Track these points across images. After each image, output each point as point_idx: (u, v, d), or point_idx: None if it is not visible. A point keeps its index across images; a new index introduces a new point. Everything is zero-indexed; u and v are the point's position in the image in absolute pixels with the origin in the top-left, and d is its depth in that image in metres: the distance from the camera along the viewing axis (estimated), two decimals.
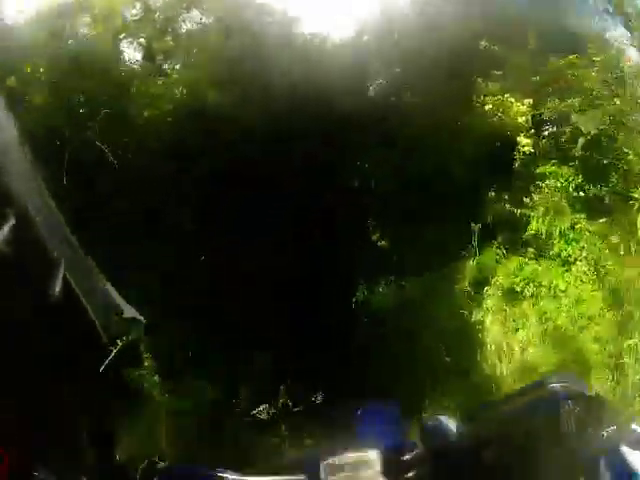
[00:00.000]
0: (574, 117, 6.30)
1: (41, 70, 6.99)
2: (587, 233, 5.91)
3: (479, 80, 7.32)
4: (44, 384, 1.08)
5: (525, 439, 1.97)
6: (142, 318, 1.20)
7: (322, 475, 2.03)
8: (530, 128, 6.92)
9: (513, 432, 2.00)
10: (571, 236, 5.96)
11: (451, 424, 2.07)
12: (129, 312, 1.16)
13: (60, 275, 1.01)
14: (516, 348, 5.63)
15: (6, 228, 0.93)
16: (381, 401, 3.29)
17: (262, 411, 5.66)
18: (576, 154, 6.26)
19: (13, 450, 0.97)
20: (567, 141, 6.46)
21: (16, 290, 0.98)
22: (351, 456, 2.10)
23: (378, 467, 2.05)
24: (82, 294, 1.05)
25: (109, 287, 1.15)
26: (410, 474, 2.08)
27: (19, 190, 0.97)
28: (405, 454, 2.11)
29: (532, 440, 1.96)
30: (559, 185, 6.18)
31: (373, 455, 2.08)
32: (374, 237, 7.41)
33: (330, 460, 2.07)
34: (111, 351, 1.38)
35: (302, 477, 2.09)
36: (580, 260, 5.86)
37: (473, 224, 6.36)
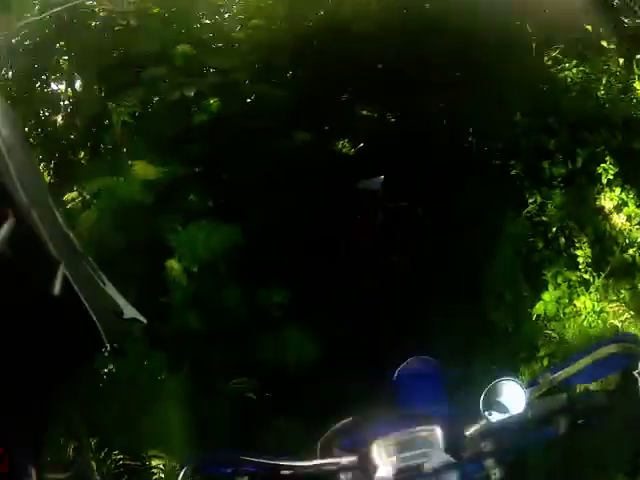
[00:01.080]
0: None
1: None
2: None
3: None
4: (44, 385, 1.22)
5: (598, 403, 1.95)
6: (143, 318, 1.31)
7: (376, 456, 2.01)
8: None
9: (584, 399, 1.97)
10: None
11: (520, 390, 2.00)
12: (129, 312, 1.27)
13: (60, 275, 1.13)
14: None
15: (6, 228, 1.05)
16: (422, 357, 3.09)
17: None
18: None
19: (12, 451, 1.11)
20: None
21: (15, 290, 1.11)
22: (408, 433, 2.06)
23: (440, 445, 2.02)
24: (82, 294, 1.17)
25: (110, 287, 1.27)
26: (475, 449, 2.05)
27: (20, 190, 1.08)
28: (467, 427, 2.07)
29: (605, 403, 1.93)
30: None
31: (433, 431, 2.04)
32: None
33: (385, 439, 2.03)
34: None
35: (353, 459, 2.09)
36: None
37: None
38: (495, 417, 1.93)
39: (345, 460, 2.03)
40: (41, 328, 1.15)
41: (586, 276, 5.22)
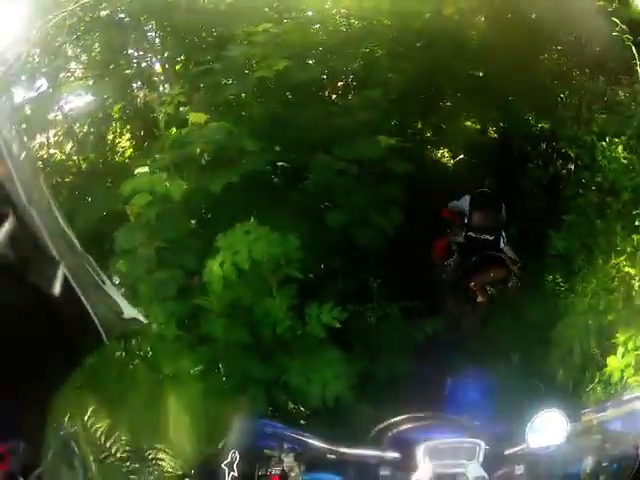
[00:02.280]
0: None
1: None
2: None
3: None
4: (44, 383, 1.32)
5: (623, 454, 2.05)
6: (143, 318, 1.39)
7: (419, 457, 2.17)
8: None
9: (615, 444, 2.07)
10: None
11: (563, 423, 2.13)
12: (129, 312, 1.36)
13: (60, 275, 1.22)
14: None
15: (6, 228, 1.10)
16: (476, 374, 3.32)
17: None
18: None
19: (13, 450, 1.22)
20: None
21: (15, 290, 1.20)
22: (454, 442, 2.21)
23: (481, 458, 2.16)
24: (82, 294, 1.25)
25: (110, 287, 1.35)
26: (510, 470, 2.20)
27: (20, 190, 1.17)
28: (508, 447, 2.22)
29: (630, 456, 2.02)
30: None
31: (477, 443, 2.19)
32: None
33: (430, 443, 2.20)
34: None
35: (396, 455, 2.25)
36: None
37: None
38: (535, 444, 2.06)
39: (389, 455, 2.22)
40: (41, 328, 1.24)
41: None
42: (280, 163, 6.37)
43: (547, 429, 2.13)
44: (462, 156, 9.24)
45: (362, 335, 5.93)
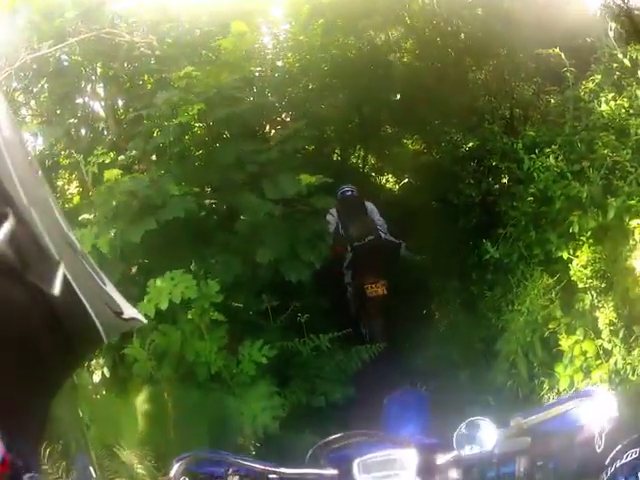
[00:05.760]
0: None
1: None
2: None
3: None
4: (44, 384, 1.28)
5: (555, 453, 2.11)
6: (142, 318, 1.38)
7: (355, 472, 2.25)
8: None
9: (545, 445, 2.14)
10: None
11: (492, 429, 2.21)
12: (129, 312, 1.34)
13: (60, 275, 1.19)
14: None
15: (6, 228, 1.06)
16: (411, 388, 3.47)
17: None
18: None
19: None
20: None
21: (15, 290, 1.12)
22: (386, 454, 2.29)
23: (414, 468, 2.24)
24: (82, 294, 1.23)
25: (110, 287, 1.33)
26: (445, 476, 2.27)
27: (20, 189, 1.11)
28: (440, 456, 2.30)
29: (562, 454, 2.09)
30: None
31: (409, 454, 2.27)
32: None
33: (365, 457, 2.29)
34: None
35: (334, 472, 2.31)
36: None
37: None
38: (466, 450, 2.13)
39: (327, 472, 2.35)
40: (41, 328, 1.20)
41: (607, 345, 4.86)
42: (210, 201, 6.47)
43: (476, 436, 2.22)
44: (406, 179, 9.36)
45: (299, 368, 6.13)
